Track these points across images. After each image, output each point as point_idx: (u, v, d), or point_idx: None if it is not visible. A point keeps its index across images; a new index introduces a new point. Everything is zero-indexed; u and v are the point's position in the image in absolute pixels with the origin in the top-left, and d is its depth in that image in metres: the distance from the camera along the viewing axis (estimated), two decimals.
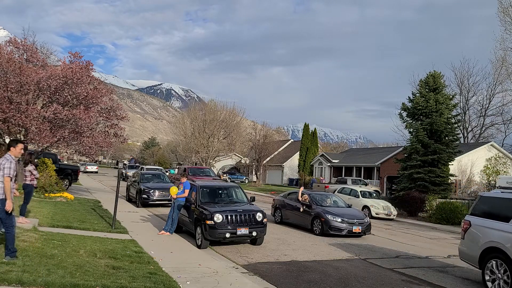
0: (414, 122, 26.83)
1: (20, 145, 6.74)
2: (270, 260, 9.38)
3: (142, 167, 41.91)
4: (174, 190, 11.54)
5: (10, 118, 15.59)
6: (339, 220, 13.24)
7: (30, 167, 10.45)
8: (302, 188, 15.71)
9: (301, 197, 14.79)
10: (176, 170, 36.17)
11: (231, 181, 37.17)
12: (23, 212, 10.04)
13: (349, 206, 15.38)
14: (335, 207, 14.40)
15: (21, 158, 16.17)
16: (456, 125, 27.57)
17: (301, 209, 14.38)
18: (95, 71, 18.98)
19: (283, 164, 53.43)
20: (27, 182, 10.38)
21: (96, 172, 55.39)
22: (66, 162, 33.29)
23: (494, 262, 7.51)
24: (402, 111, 27.51)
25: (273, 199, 16.92)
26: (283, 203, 15.84)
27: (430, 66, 67.54)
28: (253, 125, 56.84)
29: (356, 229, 13.31)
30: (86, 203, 16.69)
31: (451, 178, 26.63)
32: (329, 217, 13.27)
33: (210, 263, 8.33)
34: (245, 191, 12.71)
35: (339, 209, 14.15)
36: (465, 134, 43.51)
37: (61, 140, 17.03)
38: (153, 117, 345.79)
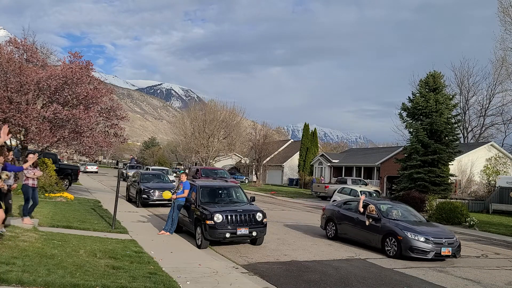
0: (414, 122, 26.84)
1: None
2: (270, 260, 9.38)
3: (147, 168, 41.71)
4: (168, 194, 11.60)
5: (10, 118, 15.58)
6: (422, 239, 10.27)
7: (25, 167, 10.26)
8: (363, 197, 12.79)
9: (362, 207, 12.01)
10: (186, 171, 35.64)
11: None
12: (25, 212, 9.99)
13: (428, 220, 12.45)
14: (407, 221, 11.37)
15: (20, 158, 16.17)
16: (456, 125, 27.58)
17: (367, 223, 11.43)
18: (95, 71, 18.99)
19: (283, 164, 53.44)
20: (23, 182, 10.29)
21: (96, 172, 55.38)
22: (66, 162, 33.25)
23: None
24: (402, 111, 27.53)
25: (323, 209, 14.05)
26: (338, 214, 12.84)
27: (430, 66, 67.73)
28: (253, 125, 56.86)
29: (446, 251, 10.30)
30: (86, 203, 16.69)
31: (451, 178, 26.64)
32: (409, 235, 10.34)
33: (210, 263, 8.33)
34: (245, 191, 12.70)
35: (416, 224, 11.17)
36: (465, 134, 43.55)
37: (61, 140, 17.02)
38: (153, 117, 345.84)
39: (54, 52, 31.44)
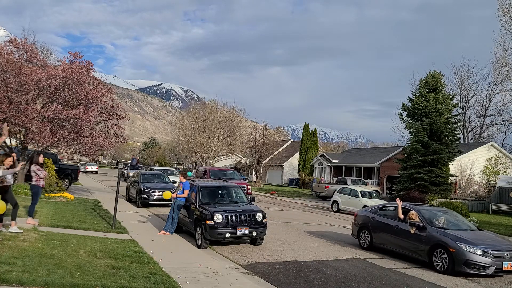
0: (414, 122, 26.88)
1: None
2: (270, 260, 9.37)
3: (151, 168, 41.35)
4: (168, 194, 11.62)
5: (10, 118, 15.58)
6: (479, 252, 8.77)
7: (34, 167, 10.27)
8: (400, 202, 10.93)
9: (402, 213, 10.54)
10: (194, 172, 34.78)
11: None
12: (31, 213, 10.06)
13: (480, 229, 10.63)
14: (456, 229, 9.84)
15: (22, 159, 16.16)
16: (456, 125, 27.62)
17: (412, 231, 9.97)
18: (95, 71, 18.97)
19: (283, 164, 53.45)
20: (33, 183, 10.31)
21: (96, 172, 55.39)
22: (66, 162, 33.25)
23: None
24: (402, 111, 27.57)
25: (355, 215, 12.54)
26: (373, 221, 11.41)
27: (430, 66, 67.85)
28: (253, 125, 56.93)
29: (508, 266, 8.80)
30: (86, 203, 16.69)
31: (451, 178, 26.67)
32: (463, 246, 8.86)
33: (210, 263, 8.33)
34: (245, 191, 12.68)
35: (468, 233, 9.61)
36: (465, 134, 43.57)
37: (61, 140, 17.02)
38: (153, 117, 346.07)
39: (54, 52, 31.50)
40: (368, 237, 11.50)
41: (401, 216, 10.45)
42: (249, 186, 20.11)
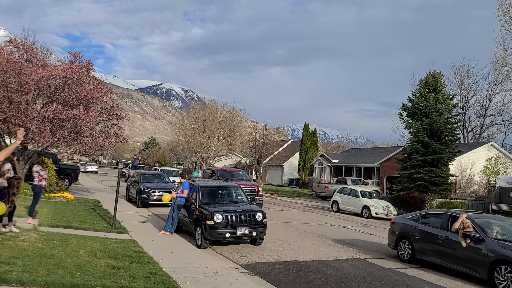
0: (414, 122, 26.86)
1: None
2: (270, 260, 9.38)
3: (155, 168, 40.91)
4: (166, 197, 11.68)
5: (10, 118, 15.57)
6: None
7: (37, 168, 10.33)
8: (463, 215, 9.14)
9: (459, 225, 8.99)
10: (200, 172, 34.15)
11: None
12: (31, 212, 10.08)
13: None
14: None
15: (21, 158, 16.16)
16: (456, 125, 27.60)
17: (464, 244, 8.68)
18: (95, 71, 18.94)
19: (283, 164, 53.45)
20: (35, 183, 10.33)
21: (96, 172, 55.40)
22: (66, 162, 33.23)
23: None
24: (402, 111, 27.55)
25: (392, 222, 11.24)
26: (415, 230, 10.11)
27: (430, 66, 67.76)
28: (253, 125, 56.89)
29: None
30: (86, 203, 16.69)
31: (451, 178, 26.65)
32: None
33: (210, 263, 8.33)
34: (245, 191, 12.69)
35: None
36: (465, 134, 43.54)
37: (61, 140, 17.01)
38: (153, 117, 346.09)
39: (54, 52, 31.46)
40: (408, 249, 10.19)
41: (456, 226, 9.01)
42: (259, 188, 19.68)
